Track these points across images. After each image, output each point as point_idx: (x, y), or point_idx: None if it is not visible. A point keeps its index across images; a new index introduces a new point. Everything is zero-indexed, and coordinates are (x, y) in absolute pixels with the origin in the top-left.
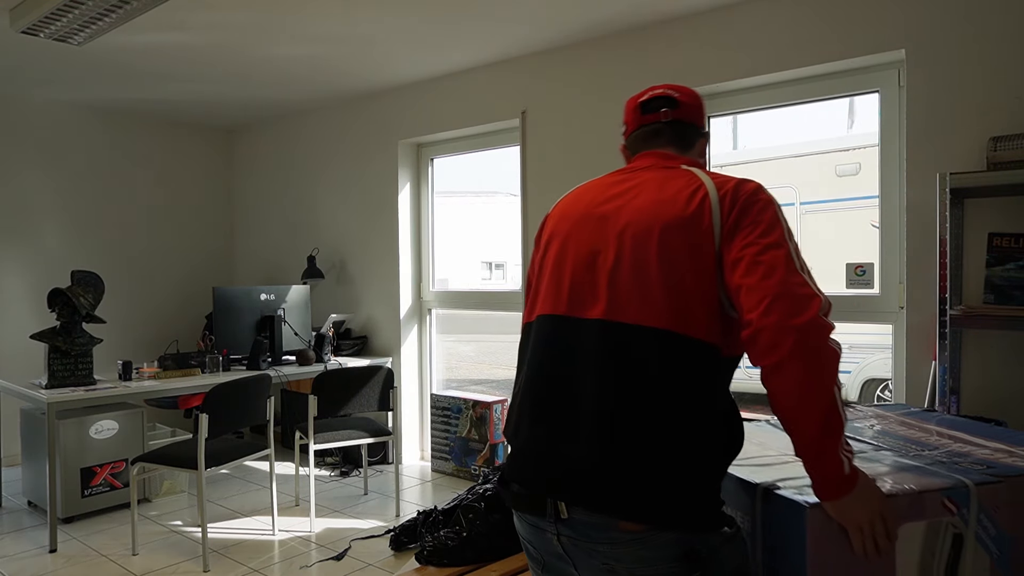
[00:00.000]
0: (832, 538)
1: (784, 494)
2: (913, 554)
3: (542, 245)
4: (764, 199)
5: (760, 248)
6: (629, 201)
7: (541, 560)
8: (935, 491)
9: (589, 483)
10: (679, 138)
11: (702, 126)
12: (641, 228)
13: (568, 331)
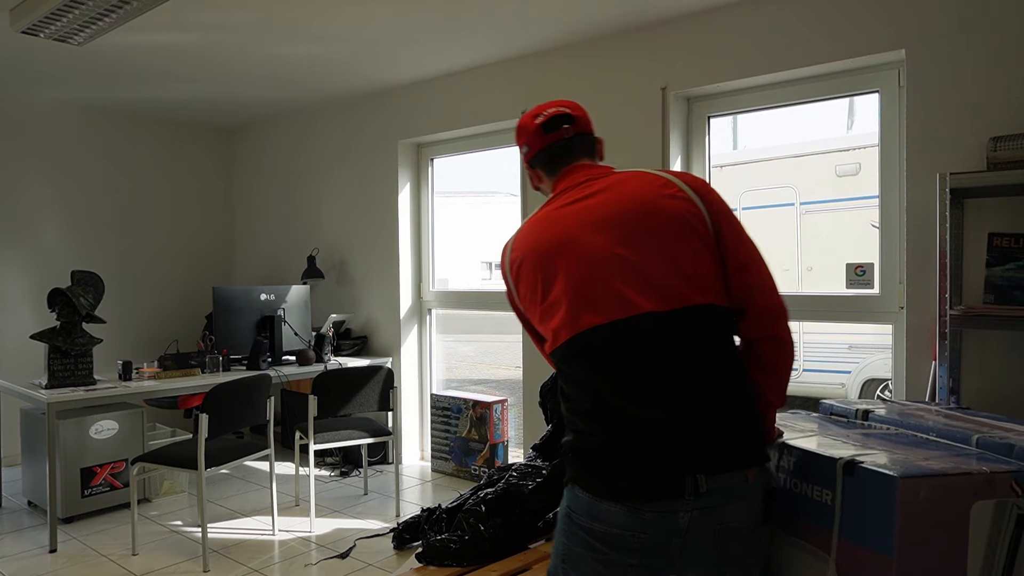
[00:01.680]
0: (918, 508)
1: (869, 467)
2: (983, 530)
3: (540, 279)
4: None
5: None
6: (617, 205)
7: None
8: (1004, 473)
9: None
10: (588, 148)
11: (594, 133)
12: (650, 227)
13: (627, 331)
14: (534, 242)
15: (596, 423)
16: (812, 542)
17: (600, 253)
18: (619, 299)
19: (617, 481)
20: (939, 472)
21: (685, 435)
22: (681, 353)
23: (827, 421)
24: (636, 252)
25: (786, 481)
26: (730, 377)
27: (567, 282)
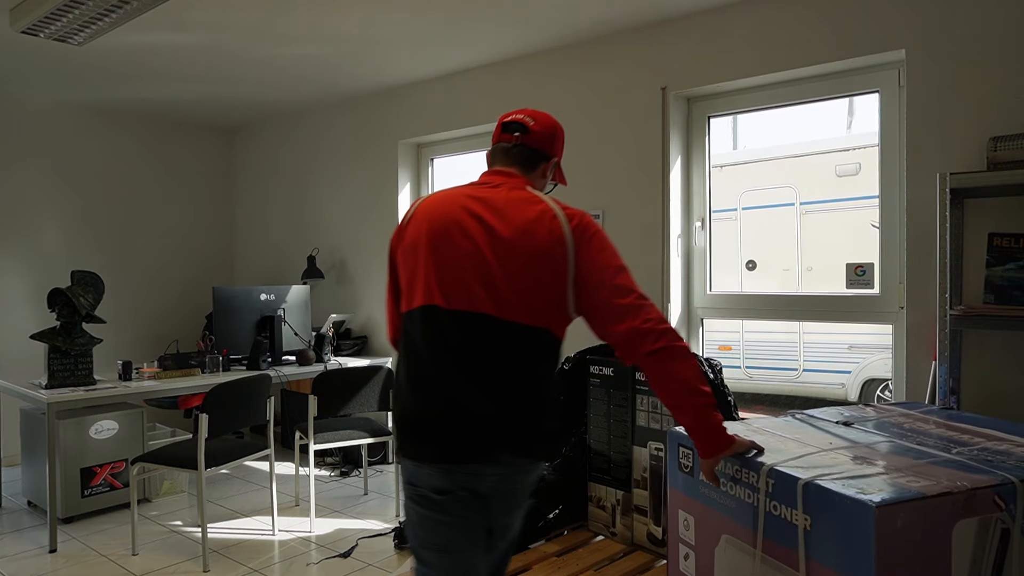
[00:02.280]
0: (897, 535)
1: (844, 492)
2: (966, 548)
3: (412, 237)
4: (597, 229)
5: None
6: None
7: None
8: (986, 488)
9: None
10: (524, 160)
11: (551, 152)
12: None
13: (462, 324)
14: (432, 211)
15: (417, 390)
16: (783, 561)
17: (471, 250)
18: (465, 295)
19: (421, 445)
20: (918, 495)
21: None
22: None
23: (813, 427)
24: (506, 261)
25: (753, 496)
26: (509, 383)
27: (436, 260)
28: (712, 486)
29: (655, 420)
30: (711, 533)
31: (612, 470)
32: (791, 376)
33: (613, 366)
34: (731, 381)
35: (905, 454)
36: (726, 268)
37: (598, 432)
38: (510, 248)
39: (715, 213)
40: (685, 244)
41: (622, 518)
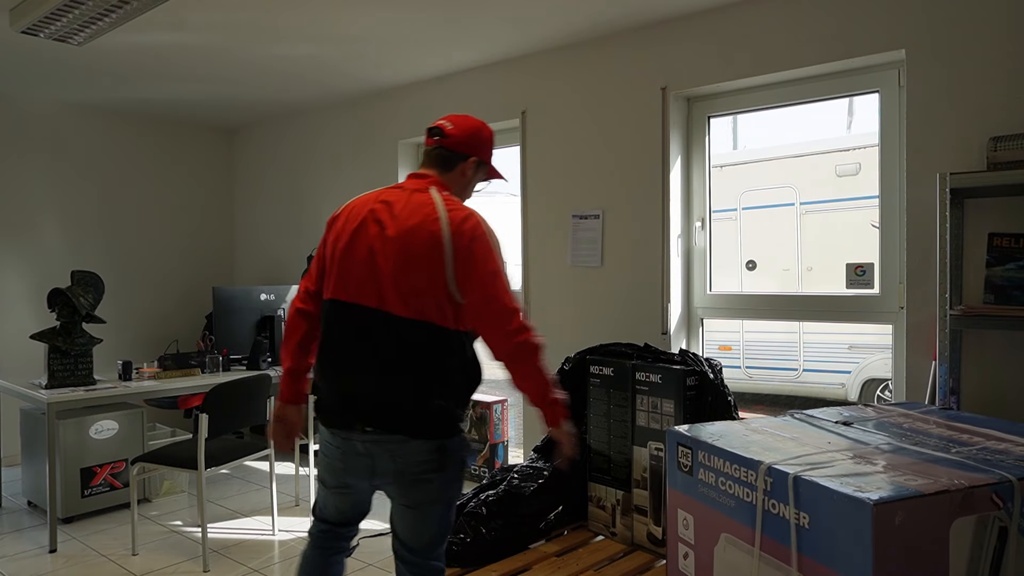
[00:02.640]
0: (895, 533)
1: (842, 490)
2: (964, 547)
3: (334, 233)
4: (480, 234)
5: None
6: (393, 219)
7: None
8: (984, 486)
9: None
10: (442, 161)
11: (469, 154)
12: (401, 246)
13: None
14: (352, 211)
15: (323, 369)
16: (783, 559)
17: (367, 250)
18: (359, 290)
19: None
20: (915, 493)
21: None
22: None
23: (812, 427)
24: (389, 260)
25: (752, 494)
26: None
27: (343, 258)
28: (711, 485)
29: (655, 420)
30: (710, 532)
31: (612, 470)
32: (791, 376)
33: (613, 366)
34: (731, 381)
35: (904, 454)
36: (726, 268)
37: (598, 432)
38: (395, 248)
39: (715, 213)
40: (685, 244)
41: (622, 518)
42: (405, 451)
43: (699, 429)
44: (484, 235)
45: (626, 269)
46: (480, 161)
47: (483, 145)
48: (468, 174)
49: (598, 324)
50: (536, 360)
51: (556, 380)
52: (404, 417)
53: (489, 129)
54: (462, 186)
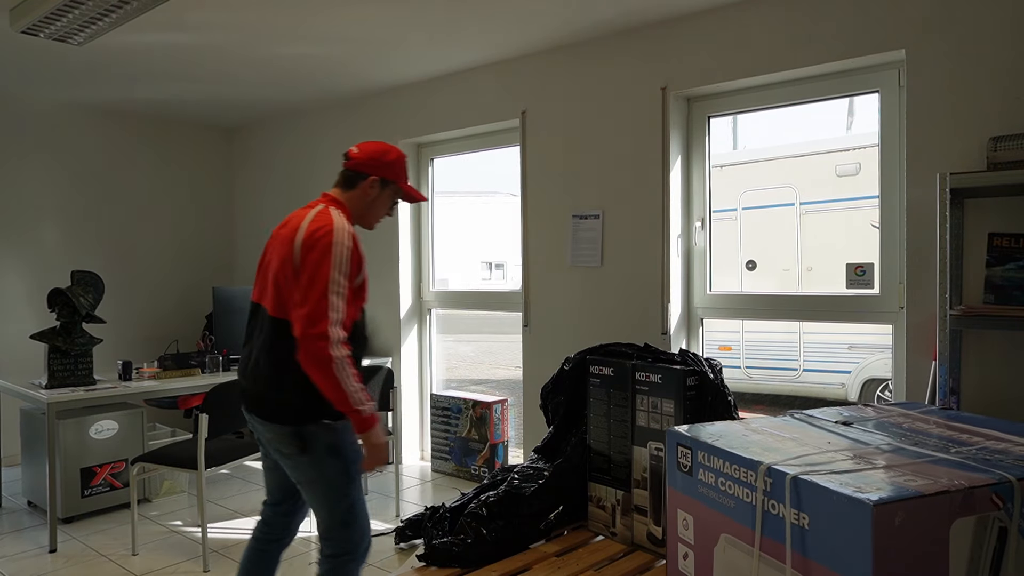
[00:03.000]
0: (895, 534)
1: (845, 491)
2: (964, 547)
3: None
4: (324, 243)
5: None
6: (282, 228)
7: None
8: (984, 487)
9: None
10: (346, 181)
11: (369, 172)
12: (277, 252)
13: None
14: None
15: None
16: (782, 559)
17: (268, 255)
18: (258, 290)
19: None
20: (915, 494)
21: (242, 382)
22: (253, 337)
23: (812, 427)
24: (272, 264)
25: (752, 495)
26: (259, 362)
27: (262, 263)
28: (711, 485)
29: (655, 420)
30: (710, 532)
31: (612, 470)
32: (791, 376)
33: (613, 366)
34: (731, 381)
35: (904, 454)
36: (726, 268)
37: (598, 432)
38: (275, 254)
39: (715, 213)
40: (685, 244)
41: (622, 518)
42: (270, 433)
43: (699, 429)
44: (327, 246)
45: (626, 269)
46: (383, 180)
47: (385, 166)
48: (371, 193)
49: (598, 324)
50: (328, 369)
51: (359, 391)
52: (263, 404)
53: (396, 152)
54: (366, 204)
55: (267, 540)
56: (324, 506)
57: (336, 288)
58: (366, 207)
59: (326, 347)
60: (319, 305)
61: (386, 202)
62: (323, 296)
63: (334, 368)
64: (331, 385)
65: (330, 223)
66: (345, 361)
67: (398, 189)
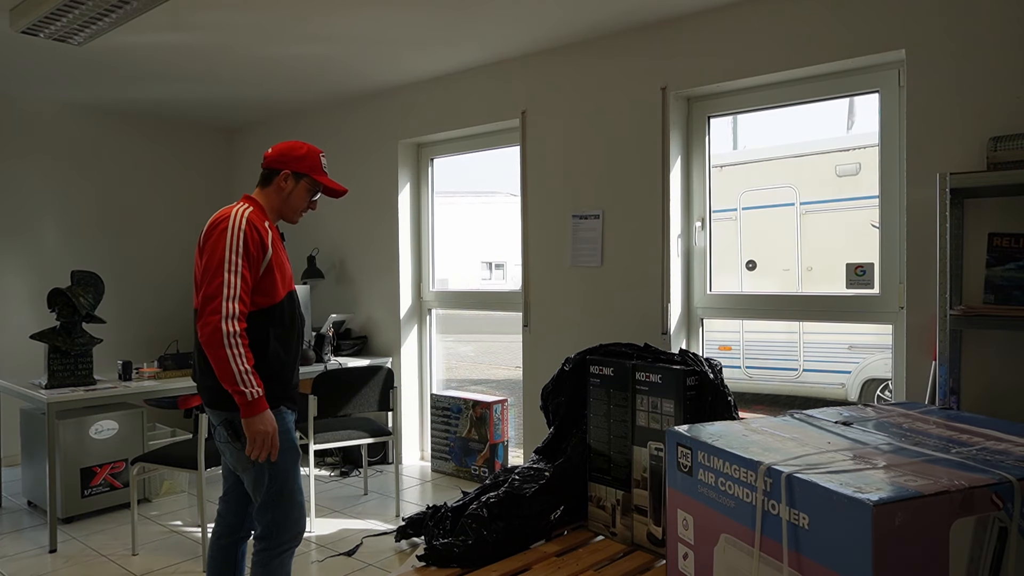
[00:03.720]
0: (895, 534)
1: (845, 491)
2: (964, 547)
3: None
4: (219, 229)
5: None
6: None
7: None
8: (984, 487)
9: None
10: (263, 179)
11: (280, 167)
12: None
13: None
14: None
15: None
16: (778, 557)
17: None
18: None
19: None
20: (915, 494)
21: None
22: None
23: (812, 427)
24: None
25: (752, 495)
26: (197, 354)
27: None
28: (711, 485)
29: (655, 420)
30: (710, 532)
31: (612, 470)
32: (791, 376)
33: (613, 366)
34: (731, 381)
35: (904, 454)
36: (726, 268)
37: (598, 432)
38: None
39: (715, 213)
40: (685, 244)
41: (622, 518)
42: (215, 420)
43: (699, 429)
44: (222, 231)
45: (626, 269)
46: (296, 173)
47: (295, 160)
48: (286, 187)
49: (598, 324)
50: (217, 341)
51: (248, 373)
52: (202, 391)
53: (307, 148)
54: (283, 199)
55: (221, 534)
56: (256, 491)
57: (230, 267)
58: (283, 201)
59: (217, 320)
60: (213, 282)
61: (302, 195)
62: (216, 274)
63: (223, 340)
64: (218, 358)
65: (227, 212)
66: (237, 338)
67: (314, 182)
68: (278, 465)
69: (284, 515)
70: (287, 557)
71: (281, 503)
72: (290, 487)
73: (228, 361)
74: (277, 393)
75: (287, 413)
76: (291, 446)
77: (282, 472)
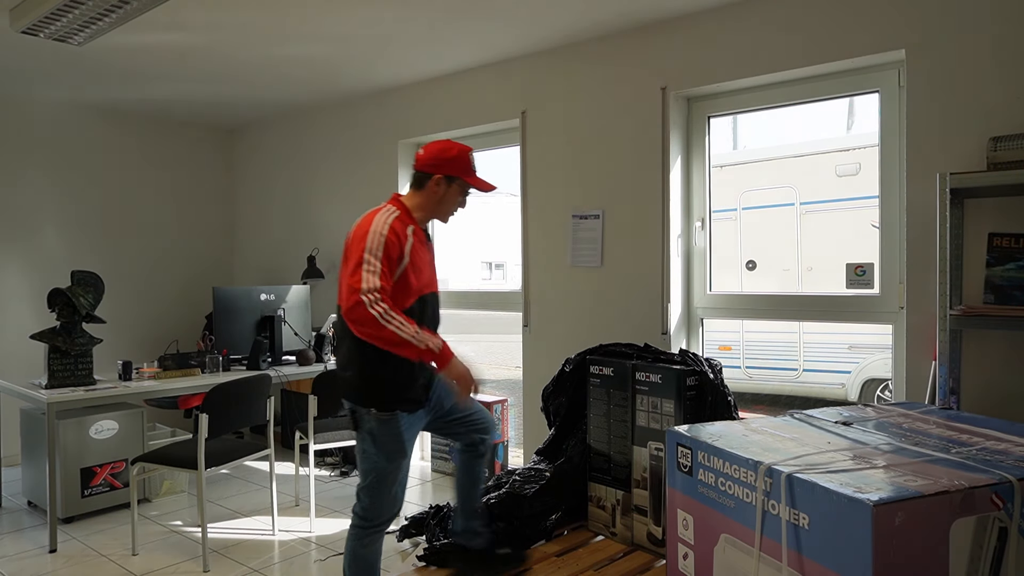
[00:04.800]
0: (895, 534)
1: (845, 491)
2: (964, 547)
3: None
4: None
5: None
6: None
7: None
8: (984, 487)
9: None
10: (416, 182)
11: (433, 171)
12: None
13: None
14: None
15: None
16: (778, 558)
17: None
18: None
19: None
20: (915, 494)
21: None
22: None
23: (812, 427)
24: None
25: (752, 495)
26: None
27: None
28: (711, 485)
29: (655, 420)
30: (710, 532)
31: (612, 470)
32: (791, 376)
33: (613, 366)
34: (731, 381)
35: (904, 454)
36: (726, 268)
37: (598, 432)
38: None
39: (715, 213)
40: (685, 244)
41: (622, 518)
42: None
43: (699, 429)
44: (363, 234)
45: (626, 269)
46: (448, 177)
47: (448, 162)
48: (439, 190)
49: (598, 324)
50: (376, 325)
51: (418, 332)
52: (340, 382)
53: (457, 147)
54: (437, 201)
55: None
56: (361, 474)
57: (368, 267)
58: (436, 204)
59: (364, 308)
60: (353, 277)
61: (454, 197)
62: (355, 271)
63: (381, 321)
64: (386, 339)
65: (370, 217)
66: (390, 312)
67: (464, 183)
68: (381, 461)
69: (378, 503)
70: (377, 537)
71: (379, 492)
72: (388, 481)
73: (396, 335)
74: (393, 396)
75: (402, 416)
76: (398, 448)
77: (383, 468)
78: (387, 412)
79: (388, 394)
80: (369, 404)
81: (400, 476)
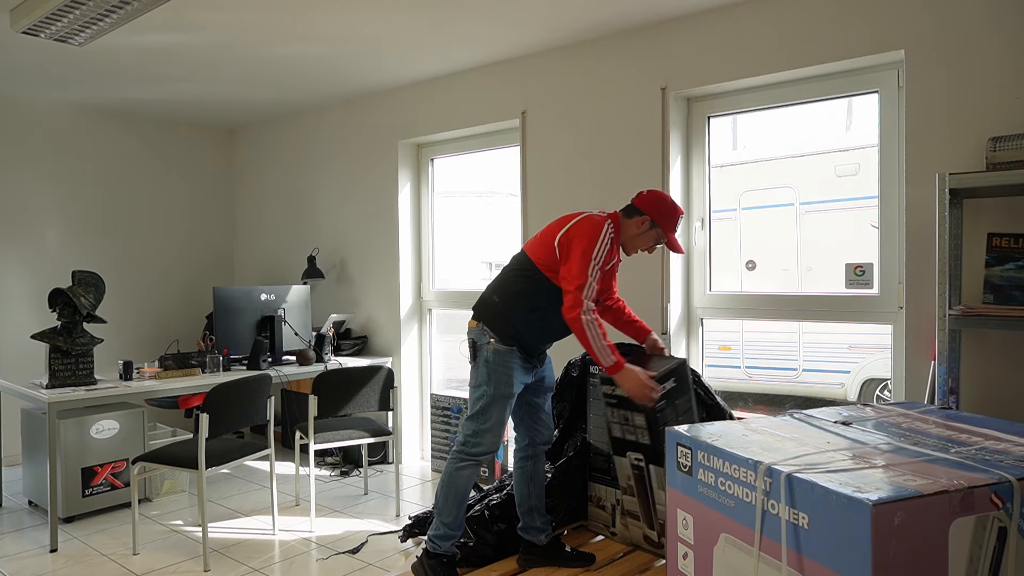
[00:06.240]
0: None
1: (845, 491)
2: (963, 547)
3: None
4: (592, 225)
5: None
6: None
7: None
8: (983, 487)
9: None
10: (627, 211)
11: (646, 212)
12: (560, 226)
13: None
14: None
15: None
16: (778, 557)
17: (555, 226)
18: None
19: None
20: (915, 494)
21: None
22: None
23: (812, 427)
24: (554, 229)
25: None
26: (498, 279)
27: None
28: (710, 485)
29: (629, 432)
30: (710, 532)
31: (612, 470)
32: (791, 376)
33: None
34: (731, 381)
35: (903, 454)
36: (726, 268)
37: (598, 432)
38: (556, 226)
39: (715, 213)
40: (685, 244)
41: (622, 518)
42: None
43: (699, 429)
44: (596, 230)
45: (626, 269)
46: (653, 222)
47: (659, 213)
48: (640, 228)
49: None
50: (582, 334)
51: (604, 347)
52: (478, 305)
53: (673, 205)
54: (633, 234)
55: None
56: (471, 403)
57: (592, 277)
58: (632, 237)
59: (581, 322)
60: (579, 277)
61: (649, 240)
62: (582, 272)
63: (584, 329)
64: (583, 341)
65: (594, 220)
66: (594, 323)
67: (662, 235)
68: (489, 390)
69: (481, 432)
70: (473, 466)
71: (483, 422)
72: (493, 412)
73: (590, 342)
74: (517, 336)
75: (516, 355)
76: (507, 381)
77: (490, 399)
78: (506, 346)
79: (514, 332)
80: (495, 331)
81: (503, 414)
